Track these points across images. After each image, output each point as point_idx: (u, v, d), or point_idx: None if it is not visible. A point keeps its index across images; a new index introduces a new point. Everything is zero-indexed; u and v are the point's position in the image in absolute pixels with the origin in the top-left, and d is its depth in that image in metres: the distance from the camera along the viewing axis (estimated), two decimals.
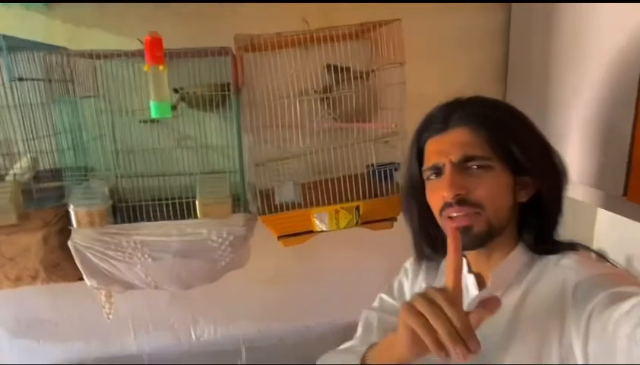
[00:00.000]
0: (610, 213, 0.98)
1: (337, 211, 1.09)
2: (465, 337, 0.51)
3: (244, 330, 1.51)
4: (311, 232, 1.12)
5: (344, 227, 1.11)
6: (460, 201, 0.65)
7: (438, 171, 0.69)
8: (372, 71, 1.19)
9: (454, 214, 0.66)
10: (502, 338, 0.65)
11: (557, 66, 1.13)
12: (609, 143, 0.97)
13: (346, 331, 0.87)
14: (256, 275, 1.45)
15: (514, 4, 1.32)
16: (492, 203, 0.65)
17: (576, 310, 0.59)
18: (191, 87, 1.12)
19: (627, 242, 1.48)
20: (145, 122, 1.12)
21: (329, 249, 1.43)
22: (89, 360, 1.46)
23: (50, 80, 1.01)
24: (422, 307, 0.54)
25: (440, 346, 0.51)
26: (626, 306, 0.51)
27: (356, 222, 1.11)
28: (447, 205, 0.66)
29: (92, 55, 1.10)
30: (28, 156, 1.06)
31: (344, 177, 1.11)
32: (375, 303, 0.87)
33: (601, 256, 0.71)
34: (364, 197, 1.10)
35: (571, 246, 0.70)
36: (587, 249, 0.71)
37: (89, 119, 1.16)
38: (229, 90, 1.04)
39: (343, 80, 1.16)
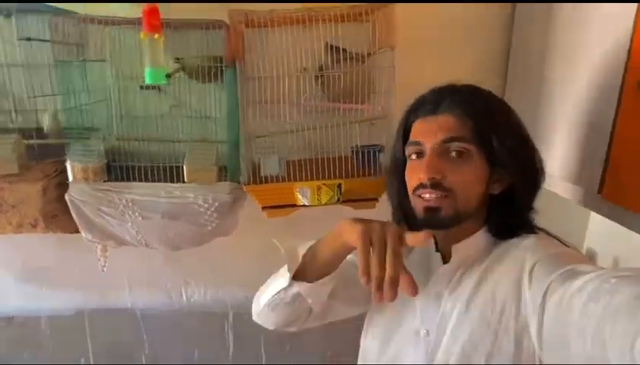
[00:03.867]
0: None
1: (319, 187, 1.13)
2: (387, 286, 0.55)
3: (232, 295, 1.58)
4: (294, 205, 1.16)
5: (325, 203, 1.15)
6: (434, 185, 0.68)
7: (419, 151, 0.72)
8: (369, 54, 1.21)
9: (426, 195, 0.70)
10: (461, 312, 0.69)
11: (552, 63, 1.14)
12: (590, 141, 0.99)
13: None
14: (247, 246, 1.51)
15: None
16: (463, 190, 0.69)
17: (532, 288, 0.62)
18: (190, 57, 1.17)
19: (617, 244, 1.48)
20: (143, 88, 1.17)
21: (317, 228, 1.47)
22: (86, 311, 1.57)
23: (55, 43, 1.07)
24: (376, 241, 0.58)
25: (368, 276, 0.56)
26: (579, 282, 0.54)
27: (338, 199, 1.15)
28: (421, 186, 0.70)
29: (100, 21, 1.16)
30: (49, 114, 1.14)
31: (329, 158, 1.15)
32: None
33: (558, 239, 0.74)
34: (347, 176, 1.14)
35: (532, 230, 0.73)
36: (547, 232, 0.75)
37: (95, 82, 1.23)
38: (221, 63, 1.08)
39: (338, 61, 1.18)
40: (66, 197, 1.09)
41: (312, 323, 0.84)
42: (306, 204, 1.15)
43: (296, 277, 0.75)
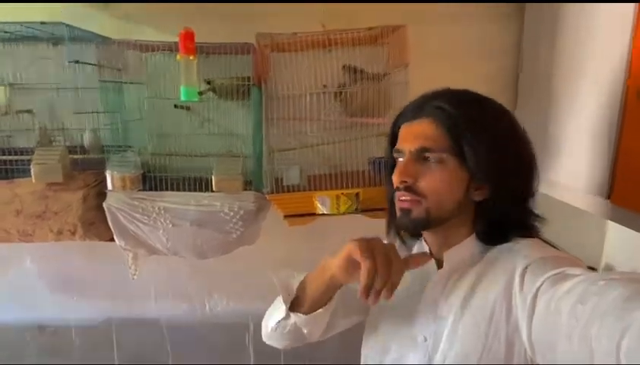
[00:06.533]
0: (621, 228, 1.01)
1: (338, 196, 1.19)
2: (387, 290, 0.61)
3: (254, 307, 1.62)
4: (313, 214, 1.23)
5: (344, 212, 1.21)
6: (406, 188, 0.71)
7: (402, 157, 0.75)
8: (386, 74, 1.29)
9: (401, 198, 0.73)
10: (455, 316, 0.71)
11: (559, 77, 1.20)
12: (597, 149, 1.03)
13: None
14: (268, 258, 1.56)
15: (526, 16, 1.40)
16: (434, 195, 0.70)
17: (523, 291, 0.64)
18: (219, 78, 1.27)
19: (636, 258, 1.49)
20: (177, 106, 1.27)
21: (337, 239, 1.53)
22: (115, 320, 1.63)
23: (100, 66, 1.18)
24: (378, 257, 0.61)
25: (368, 290, 0.61)
26: (567, 285, 0.55)
27: (356, 208, 1.20)
28: (397, 189, 0.73)
29: (139, 47, 1.27)
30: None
31: (347, 171, 1.21)
32: None
33: (550, 244, 0.75)
34: (364, 186, 1.20)
35: (524, 234, 0.74)
36: (539, 237, 0.76)
37: (133, 102, 1.33)
38: (249, 82, 1.18)
39: (356, 81, 1.27)
40: (104, 205, 1.18)
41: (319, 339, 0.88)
42: (326, 212, 1.21)
43: (293, 307, 0.78)
